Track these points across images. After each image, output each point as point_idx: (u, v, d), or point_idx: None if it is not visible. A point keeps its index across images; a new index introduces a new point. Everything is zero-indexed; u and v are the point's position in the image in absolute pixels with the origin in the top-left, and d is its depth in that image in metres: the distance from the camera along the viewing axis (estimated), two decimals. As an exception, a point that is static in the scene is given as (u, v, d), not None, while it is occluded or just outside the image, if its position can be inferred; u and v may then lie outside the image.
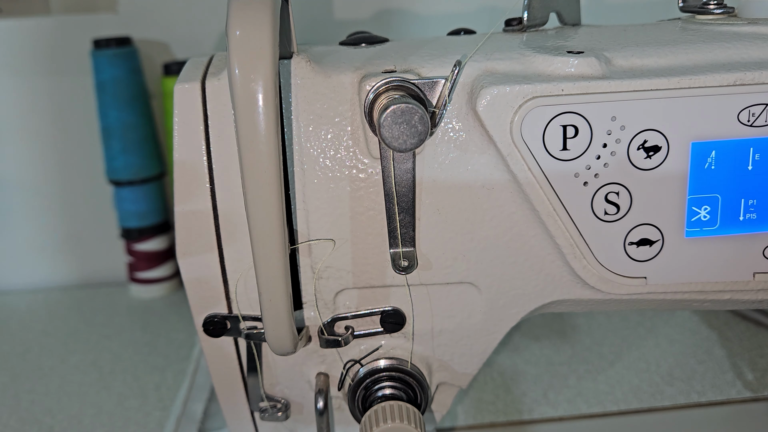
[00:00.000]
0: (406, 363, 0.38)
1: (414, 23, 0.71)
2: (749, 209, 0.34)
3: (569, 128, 0.32)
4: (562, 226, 0.34)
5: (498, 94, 0.32)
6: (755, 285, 0.36)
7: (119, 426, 0.50)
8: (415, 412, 0.35)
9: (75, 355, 0.61)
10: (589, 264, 0.34)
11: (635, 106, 0.32)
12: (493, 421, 0.49)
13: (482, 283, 0.36)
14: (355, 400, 0.37)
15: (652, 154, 0.33)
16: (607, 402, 0.50)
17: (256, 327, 0.36)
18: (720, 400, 0.50)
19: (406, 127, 0.30)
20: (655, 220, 0.34)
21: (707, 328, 0.59)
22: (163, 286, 0.72)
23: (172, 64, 0.67)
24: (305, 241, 0.35)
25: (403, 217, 0.34)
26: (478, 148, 0.33)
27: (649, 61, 0.33)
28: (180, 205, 0.34)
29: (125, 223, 0.70)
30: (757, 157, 0.33)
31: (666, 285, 0.35)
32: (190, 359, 0.58)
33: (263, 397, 0.39)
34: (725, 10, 0.39)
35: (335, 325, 0.37)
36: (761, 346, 0.56)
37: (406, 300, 0.36)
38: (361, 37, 0.40)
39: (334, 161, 0.34)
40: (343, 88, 0.34)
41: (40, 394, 0.55)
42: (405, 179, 0.33)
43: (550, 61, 0.33)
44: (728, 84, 0.32)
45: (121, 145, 0.67)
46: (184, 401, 0.52)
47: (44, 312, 0.69)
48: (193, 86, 0.33)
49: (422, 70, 0.34)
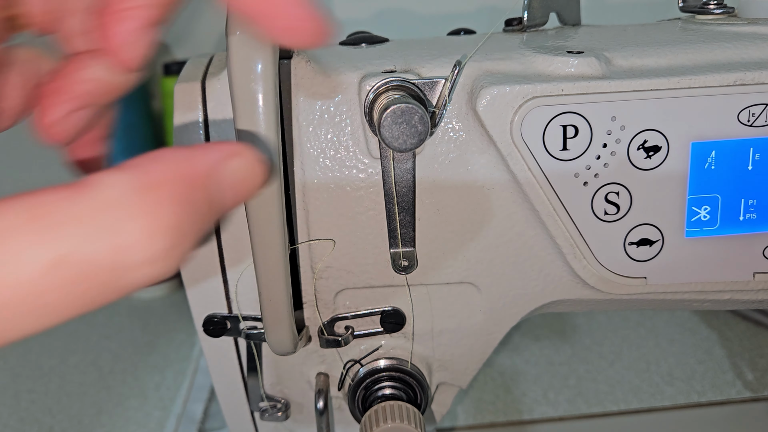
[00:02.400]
0: (406, 363, 0.38)
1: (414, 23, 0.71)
2: (749, 209, 0.34)
3: (569, 128, 0.32)
4: (562, 226, 0.34)
5: (498, 94, 0.32)
6: (755, 285, 0.36)
7: (119, 426, 0.51)
8: (415, 412, 0.35)
9: (75, 355, 0.61)
10: (589, 264, 0.34)
11: (635, 106, 0.32)
12: (493, 421, 0.49)
13: (482, 283, 0.36)
14: (355, 400, 0.37)
15: (652, 154, 0.33)
16: (607, 402, 0.50)
17: (256, 327, 0.36)
18: (720, 400, 0.50)
19: (406, 127, 0.30)
20: (655, 220, 0.34)
21: (707, 328, 0.59)
22: (163, 286, 0.72)
23: (172, 64, 0.67)
24: (305, 241, 0.35)
25: (403, 217, 0.34)
26: (478, 148, 0.33)
27: (649, 61, 0.33)
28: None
29: (125, 223, 0.70)
30: (757, 157, 0.33)
31: (666, 285, 0.35)
32: (190, 359, 0.58)
33: (263, 397, 0.39)
34: (725, 10, 0.39)
35: (335, 325, 0.37)
36: (761, 346, 0.56)
37: (406, 300, 0.36)
38: (361, 37, 0.40)
39: (334, 161, 0.34)
40: (343, 88, 0.33)
41: (40, 394, 0.55)
42: (405, 179, 0.33)
43: (550, 61, 0.33)
44: (728, 84, 0.32)
45: (121, 145, 0.67)
46: (184, 401, 0.52)
47: (44, 312, 0.69)
48: (193, 86, 0.33)
49: (422, 70, 0.34)
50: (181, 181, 0.17)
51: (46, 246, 0.15)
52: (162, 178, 0.17)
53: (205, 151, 0.18)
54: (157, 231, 0.16)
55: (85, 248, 0.15)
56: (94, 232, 0.15)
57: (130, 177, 0.16)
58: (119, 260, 0.16)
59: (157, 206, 0.16)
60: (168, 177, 0.17)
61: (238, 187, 0.19)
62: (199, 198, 0.18)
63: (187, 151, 0.18)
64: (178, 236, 0.16)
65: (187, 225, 0.17)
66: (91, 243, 0.15)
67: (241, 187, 0.19)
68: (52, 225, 0.15)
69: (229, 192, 0.19)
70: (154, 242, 0.16)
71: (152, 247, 0.16)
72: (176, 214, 0.16)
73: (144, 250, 0.16)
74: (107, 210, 0.16)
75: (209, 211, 0.18)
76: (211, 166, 0.18)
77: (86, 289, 0.15)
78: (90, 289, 0.15)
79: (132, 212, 0.16)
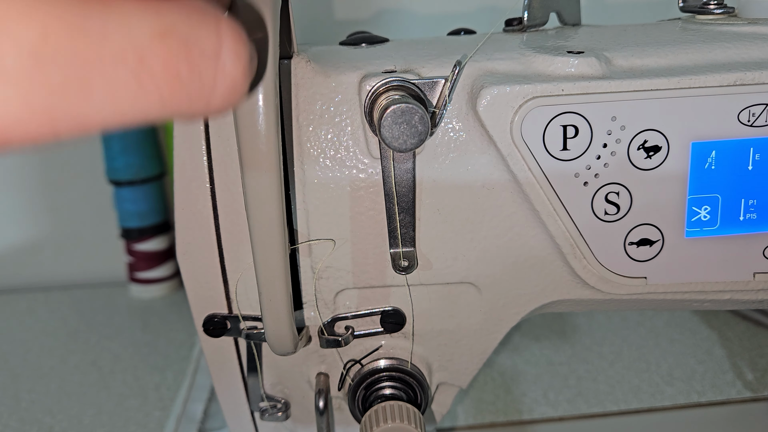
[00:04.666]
0: (406, 363, 0.38)
1: (414, 23, 0.71)
2: (749, 209, 0.34)
3: (569, 128, 0.32)
4: (562, 226, 0.34)
5: (498, 94, 0.32)
6: (755, 285, 0.36)
7: (119, 426, 0.50)
8: (415, 412, 0.35)
9: (75, 355, 0.61)
10: (589, 264, 0.34)
11: (635, 106, 0.32)
12: (493, 421, 0.49)
13: (482, 283, 0.36)
14: (355, 400, 0.37)
15: (653, 154, 0.33)
16: (607, 402, 0.50)
17: (256, 327, 0.36)
18: (720, 400, 0.50)
19: (406, 127, 0.30)
20: (655, 220, 0.34)
21: (707, 328, 0.59)
22: (163, 286, 0.72)
23: (172, 64, 0.67)
24: (305, 241, 0.35)
25: (403, 217, 0.34)
26: (478, 148, 0.33)
27: (649, 61, 0.33)
28: (180, 205, 0.34)
29: (125, 223, 0.70)
30: (757, 157, 0.33)
31: (666, 285, 0.35)
32: (190, 359, 0.58)
33: (263, 397, 0.39)
34: (725, 10, 0.39)
35: (335, 325, 0.37)
36: (761, 346, 0.56)
37: (406, 300, 0.36)
38: (361, 37, 0.40)
39: (334, 161, 0.34)
40: (343, 88, 0.33)
41: (40, 394, 0.55)
42: (405, 179, 0.33)
43: (550, 61, 0.33)
44: (728, 84, 0.32)
45: (121, 145, 0.67)
46: (184, 401, 0.52)
47: (44, 312, 0.69)
48: (193, 86, 0.33)
49: (422, 70, 0.34)
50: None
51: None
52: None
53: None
54: None
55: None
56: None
57: None
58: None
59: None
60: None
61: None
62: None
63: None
64: None
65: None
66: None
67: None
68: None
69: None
70: None
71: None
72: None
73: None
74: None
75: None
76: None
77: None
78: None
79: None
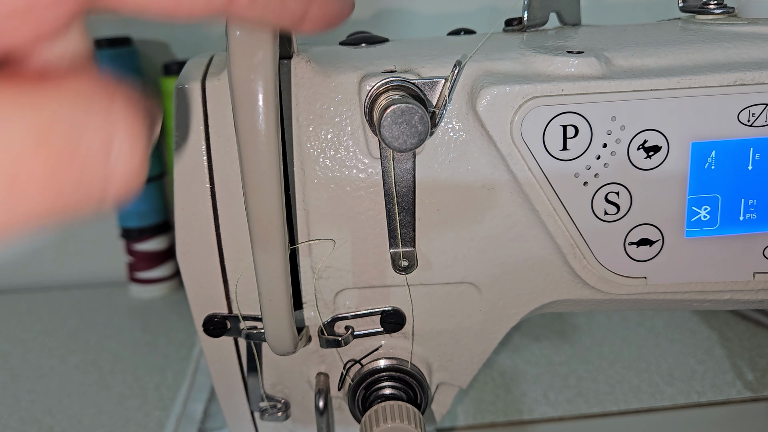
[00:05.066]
0: (406, 363, 0.38)
1: (414, 23, 0.71)
2: (749, 209, 0.34)
3: (569, 128, 0.32)
4: (562, 226, 0.34)
5: (498, 94, 0.32)
6: (755, 285, 0.36)
7: (119, 426, 0.50)
8: (415, 412, 0.35)
9: (75, 355, 0.61)
10: (589, 264, 0.34)
11: (635, 106, 0.32)
12: (493, 421, 0.49)
13: (482, 283, 0.36)
14: (355, 400, 0.37)
15: (652, 154, 0.33)
16: (607, 402, 0.50)
17: (256, 327, 0.36)
18: (720, 400, 0.50)
19: (406, 127, 0.30)
20: (655, 220, 0.34)
21: (707, 328, 0.59)
22: (163, 286, 0.72)
23: (172, 64, 0.67)
24: (305, 241, 0.35)
25: (403, 217, 0.34)
26: (478, 148, 0.33)
27: (649, 61, 0.33)
28: (180, 205, 0.34)
29: (125, 223, 0.70)
30: (757, 157, 0.33)
31: (666, 285, 0.35)
32: (190, 359, 0.58)
33: (263, 397, 0.39)
34: (725, 10, 0.39)
35: (335, 325, 0.37)
36: (761, 346, 0.56)
37: (406, 300, 0.36)
38: (361, 37, 0.40)
39: (334, 161, 0.34)
40: (343, 88, 0.33)
41: (40, 394, 0.55)
42: (405, 179, 0.33)
43: (550, 61, 0.33)
44: (728, 84, 0.32)
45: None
46: (184, 401, 0.52)
47: (44, 312, 0.69)
48: (193, 86, 0.33)
49: (422, 70, 0.34)
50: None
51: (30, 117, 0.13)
52: None
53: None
54: None
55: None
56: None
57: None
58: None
59: None
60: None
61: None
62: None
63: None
64: None
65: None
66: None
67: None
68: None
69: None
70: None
71: None
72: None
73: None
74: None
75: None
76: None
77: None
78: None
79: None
